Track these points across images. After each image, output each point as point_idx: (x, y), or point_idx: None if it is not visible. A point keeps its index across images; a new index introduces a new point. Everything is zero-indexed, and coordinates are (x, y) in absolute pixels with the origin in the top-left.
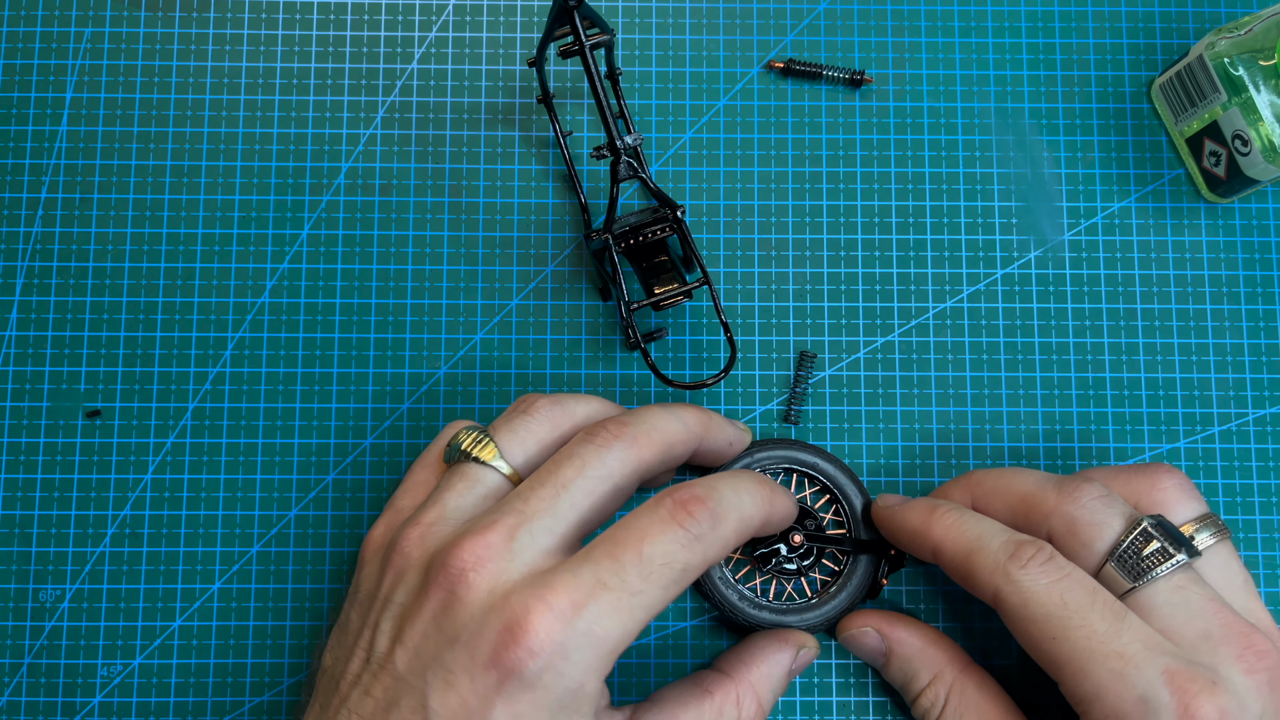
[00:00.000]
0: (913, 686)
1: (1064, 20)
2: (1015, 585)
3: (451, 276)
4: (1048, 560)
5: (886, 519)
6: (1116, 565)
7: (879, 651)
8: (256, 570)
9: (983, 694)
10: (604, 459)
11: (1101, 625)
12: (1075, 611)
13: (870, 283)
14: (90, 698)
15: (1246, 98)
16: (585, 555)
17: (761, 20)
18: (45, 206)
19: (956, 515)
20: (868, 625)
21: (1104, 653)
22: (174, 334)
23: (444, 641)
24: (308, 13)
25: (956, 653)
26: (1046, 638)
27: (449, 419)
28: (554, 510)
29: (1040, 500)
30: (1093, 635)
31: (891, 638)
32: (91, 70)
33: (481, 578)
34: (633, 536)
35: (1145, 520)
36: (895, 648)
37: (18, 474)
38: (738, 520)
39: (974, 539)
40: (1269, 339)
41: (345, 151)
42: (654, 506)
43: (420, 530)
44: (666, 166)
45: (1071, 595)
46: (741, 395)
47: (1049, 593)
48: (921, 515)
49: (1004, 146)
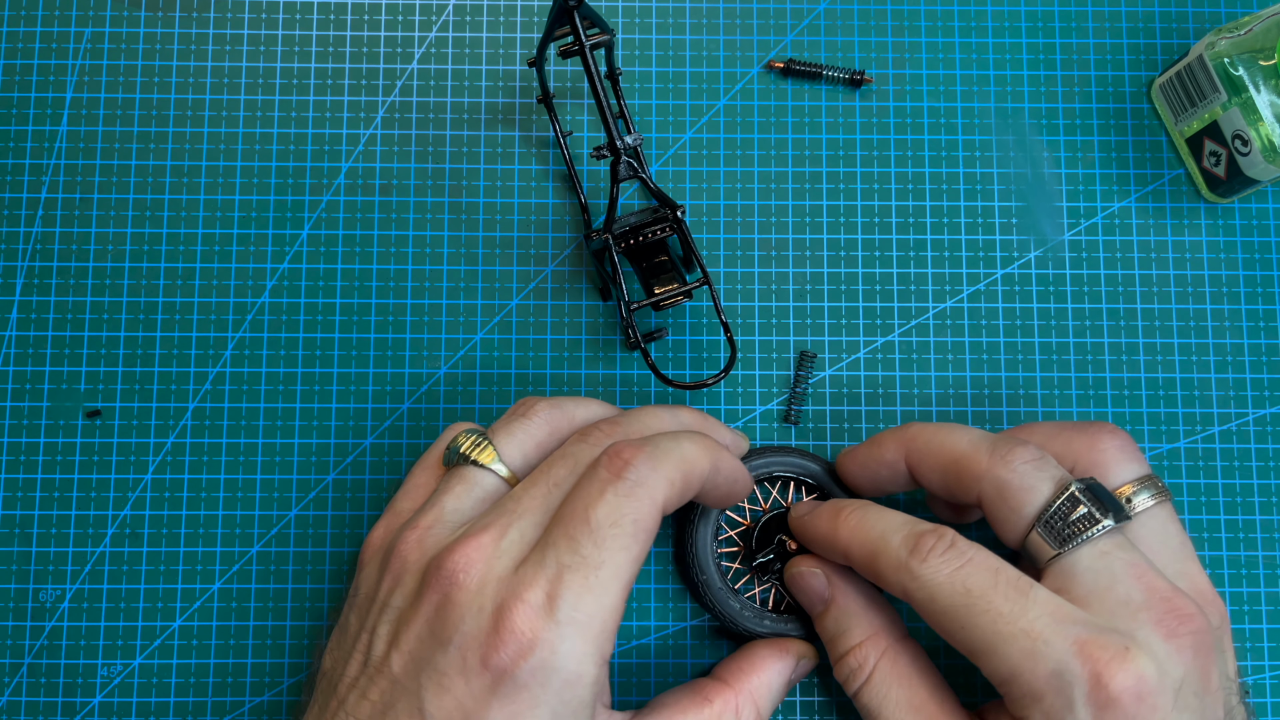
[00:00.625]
0: (842, 642)
1: (1064, 20)
2: (919, 581)
3: (451, 276)
4: (948, 549)
5: (800, 528)
6: (1043, 530)
7: (820, 596)
8: (256, 570)
9: (914, 667)
10: (594, 454)
11: (1005, 605)
12: (979, 597)
13: (870, 283)
14: (90, 698)
15: (1246, 98)
16: (544, 541)
17: (761, 20)
18: (45, 206)
19: (859, 514)
20: (817, 568)
21: (1011, 633)
22: (174, 334)
23: (437, 645)
24: (308, 13)
25: (896, 622)
26: (956, 627)
27: (449, 419)
28: (545, 507)
29: (973, 462)
30: (999, 617)
31: (837, 586)
32: (91, 70)
33: (472, 578)
34: (578, 508)
35: (1074, 484)
36: (839, 597)
37: (18, 474)
38: (679, 460)
39: (877, 538)
40: (1269, 339)
41: (345, 151)
42: (592, 470)
43: (418, 534)
44: (666, 166)
45: (974, 580)
46: (741, 395)
47: (951, 582)
48: (828, 520)
49: (1004, 146)
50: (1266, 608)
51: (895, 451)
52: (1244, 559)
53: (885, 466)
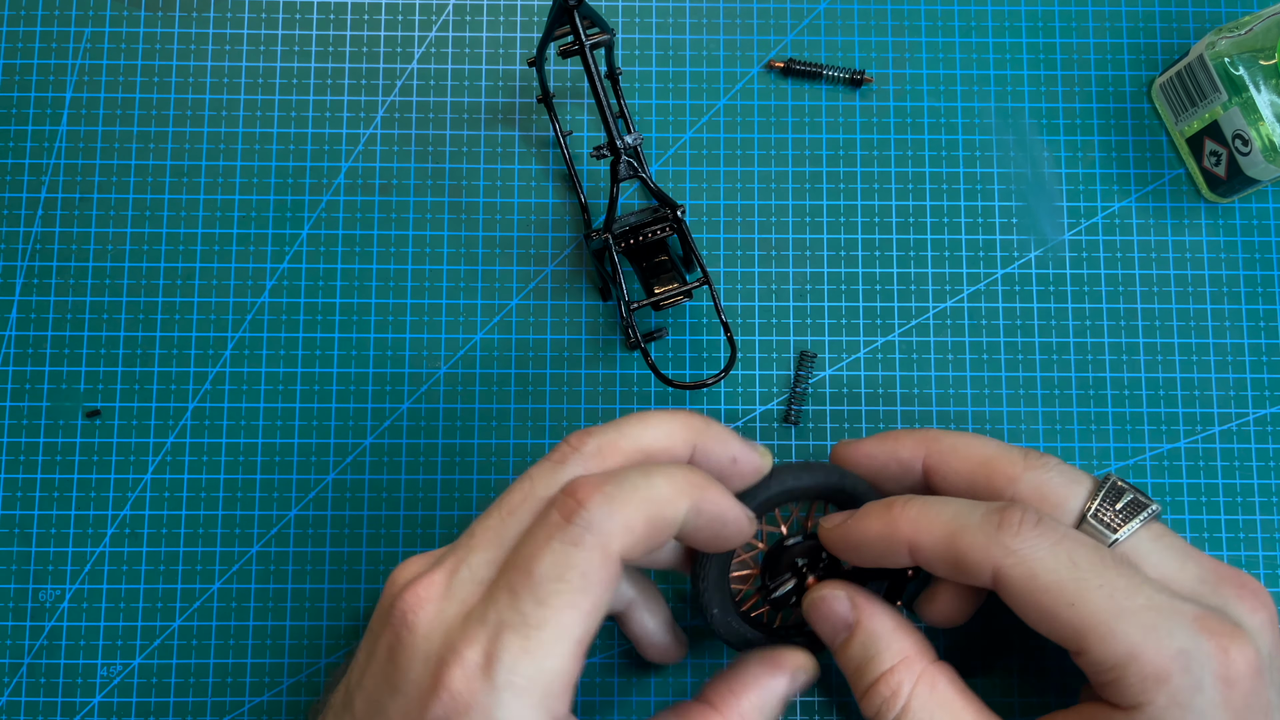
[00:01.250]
0: (871, 669)
1: (1064, 20)
2: (1017, 556)
3: (451, 276)
4: (1039, 522)
5: (840, 538)
6: (1095, 520)
7: (844, 622)
8: (256, 570)
9: (955, 689)
10: (557, 477)
11: (1121, 580)
12: (1090, 570)
13: (870, 283)
14: (90, 698)
15: (1247, 97)
16: (489, 591)
17: (761, 20)
18: (45, 206)
19: (918, 505)
20: (839, 590)
21: (1131, 608)
22: (174, 334)
23: (388, 689)
24: (308, 13)
25: (928, 645)
26: (1063, 604)
27: (449, 419)
28: (499, 540)
29: (1006, 464)
30: (1116, 591)
31: (863, 608)
32: (91, 70)
33: (421, 620)
34: (523, 558)
35: (1112, 475)
36: (864, 620)
37: (18, 474)
38: (643, 502)
39: (949, 520)
40: (1269, 339)
41: (345, 151)
42: (545, 512)
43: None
44: (666, 166)
45: (1080, 554)
46: (741, 395)
47: (1055, 555)
48: (880, 519)
49: (1004, 146)
50: None
51: (913, 450)
52: (1244, 559)
53: (899, 464)
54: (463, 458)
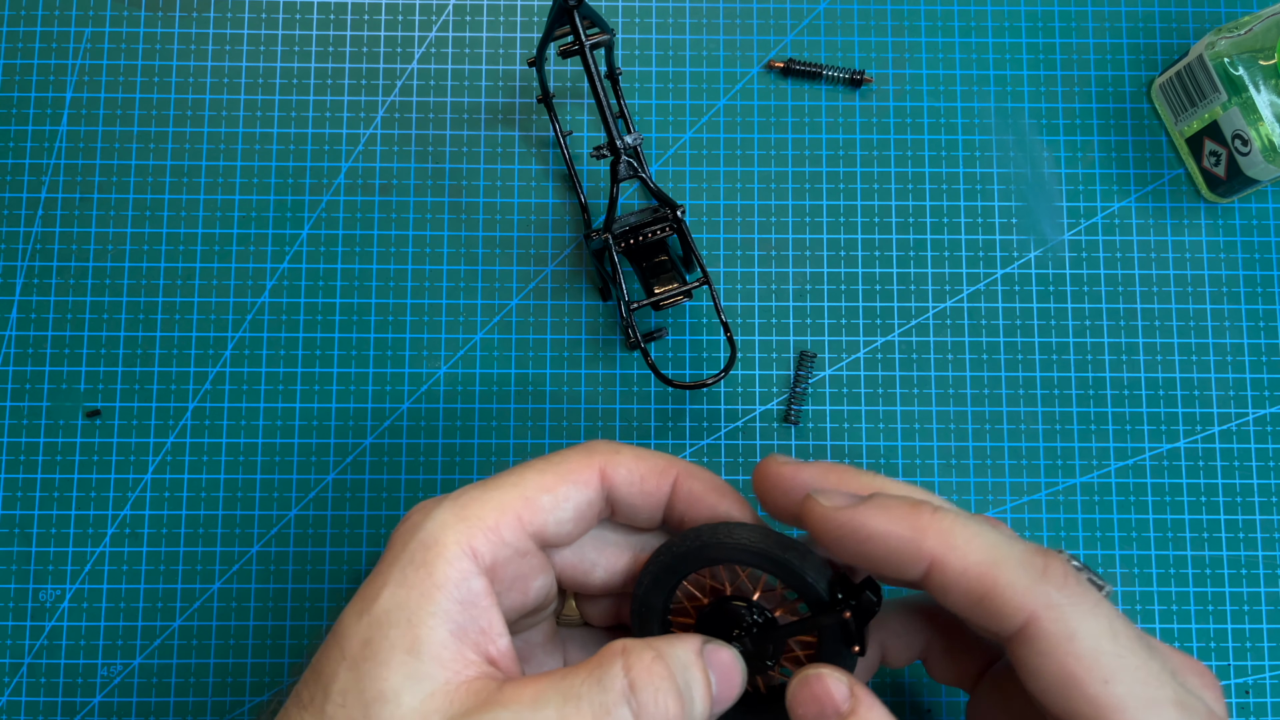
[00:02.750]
0: None
1: (1064, 20)
2: (1059, 611)
3: (451, 276)
4: (1078, 579)
5: (842, 525)
6: None
7: (836, 710)
8: (256, 570)
9: None
10: None
11: (1154, 665)
12: (1129, 648)
13: (870, 283)
14: (90, 698)
15: (1246, 97)
16: None
17: (761, 20)
18: (45, 206)
19: (952, 520)
20: (839, 674)
21: (1161, 700)
22: (174, 334)
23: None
24: (308, 13)
25: None
26: (1098, 679)
27: (449, 419)
28: None
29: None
30: (1150, 678)
31: (860, 698)
32: (91, 70)
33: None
34: None
35: (1063, 551)
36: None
37: (18, 474)
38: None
39: (992, 548)
40: (1269, 339)
41: (345, 151)
42: None
43: None
44: (666, 166)
45: (1119, 625)
46: (741, 395)
47: (1096, 621)
48: (906, 520)
49: (1004, 146)
50: (1266, 608)
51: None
52: (1244, 559)
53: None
54: (463, 458)
